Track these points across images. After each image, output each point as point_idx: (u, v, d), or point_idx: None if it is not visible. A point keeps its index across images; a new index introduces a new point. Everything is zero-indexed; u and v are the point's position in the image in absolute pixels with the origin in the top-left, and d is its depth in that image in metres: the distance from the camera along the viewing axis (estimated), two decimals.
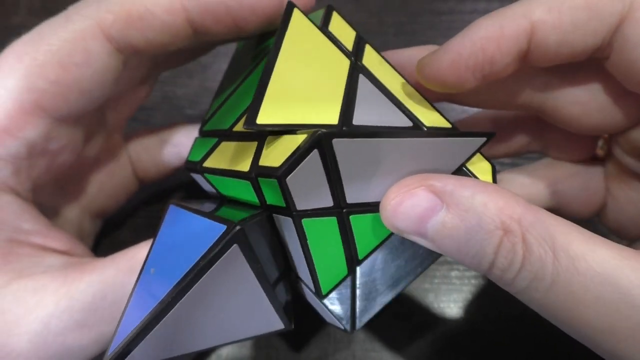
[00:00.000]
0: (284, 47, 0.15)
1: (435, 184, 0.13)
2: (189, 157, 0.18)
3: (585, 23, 0.14)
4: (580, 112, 0.17)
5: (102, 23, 0.16)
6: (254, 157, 0.14)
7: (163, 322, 0.13)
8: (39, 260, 0.17)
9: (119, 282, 0.16)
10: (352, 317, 0.16)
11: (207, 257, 0.13)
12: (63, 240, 0.18)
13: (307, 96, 0.14)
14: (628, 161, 0.18)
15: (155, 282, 0.14)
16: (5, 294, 0.16)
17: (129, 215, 0.27)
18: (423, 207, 0.13)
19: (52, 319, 0.16)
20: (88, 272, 0.16)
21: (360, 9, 0.34)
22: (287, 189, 0.13)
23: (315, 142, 0.13)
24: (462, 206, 0.13)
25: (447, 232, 0.13)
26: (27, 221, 0.17)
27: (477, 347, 0.23)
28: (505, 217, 0.13)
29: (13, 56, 0.16)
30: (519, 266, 0.13)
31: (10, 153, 0.16)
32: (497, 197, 0.13)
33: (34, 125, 0.16)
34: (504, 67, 0.15)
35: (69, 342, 0.16)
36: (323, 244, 0.15)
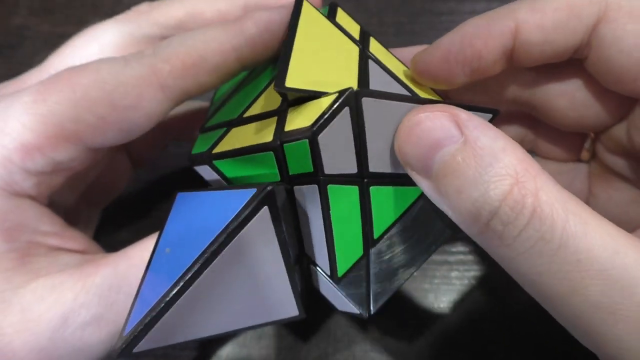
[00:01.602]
0: (299, 30, 0.15)
1: (460, 114, 0.13)
2: (192, 151, 0.19)
3: (565, 23, 0.15)
4: (566, 105, 0.18)
5: (159, 72, 0.16)
6: (276, 128, 0.15)
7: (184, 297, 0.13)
8: (55, 260, 0.17)
9: (133, 274, 0.16)
10: (367, 301, 0.16)
11: (238, 220, 0.13)
12: (78, 240, 0.19)
13: (325, 71, 0.15)
14: (610, 160, 0.19)
15: (172, 260, 0.14)
16: (24, 293, 0.16)
17: (129, 215, 0.27)
18: (439, 133, 0.13)
19: (70, 314, 0.16)
20: (103, 266, 0.17)
21: (360, 9, 0.34)
22: (318, 149, 0.13)
23: (348, 98, 0.13)
24: (480, 143, 0.12)
25: (454, 166, 0.12)
26: (45, 224, 0.18)
27: (477, 347, 0.23)
28: (521, 168, 0.12)
29: (66, 83, 0.16)
30: (525, 221, 0.12)
31: (36, 168, 0.16)
32: (518, 149, 0.12)
33: (65, 149, 0.16)
34: (491, 63, 0.16)
35: (87, 337, 0.16)
36: (343, 217, 0.15)
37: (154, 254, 0.15)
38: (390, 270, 0.17)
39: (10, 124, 0.16)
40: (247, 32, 0.17)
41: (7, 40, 0.33)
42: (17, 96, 0.16)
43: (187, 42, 0.17)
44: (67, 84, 0.16)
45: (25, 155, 0.16)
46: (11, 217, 0.17)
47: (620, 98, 0.17)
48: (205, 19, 0.22)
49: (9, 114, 0.16)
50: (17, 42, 0.33)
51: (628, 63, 0.15)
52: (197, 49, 0.17)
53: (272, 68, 0.18)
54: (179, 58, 0.17)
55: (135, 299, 0.14)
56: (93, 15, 0.34)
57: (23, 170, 0.16)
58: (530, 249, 0.12)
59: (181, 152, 0.29)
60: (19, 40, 0.33)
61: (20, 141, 0.16)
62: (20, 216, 0.17)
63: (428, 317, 0.24)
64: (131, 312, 0.14)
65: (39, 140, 0.16)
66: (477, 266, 0.25)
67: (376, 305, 0.16)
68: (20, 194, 0.17)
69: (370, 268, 0.16)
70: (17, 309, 0.16)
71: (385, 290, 0.17)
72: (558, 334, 0.12)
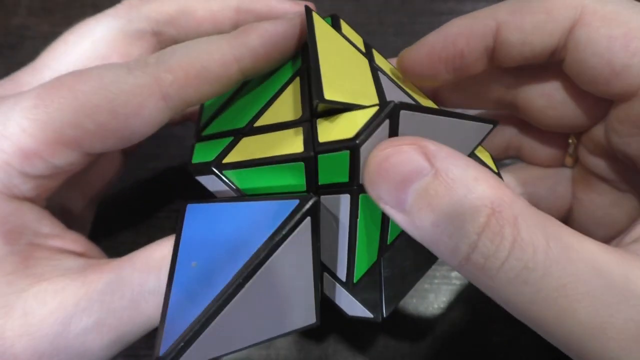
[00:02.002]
0: (319, 43, 0.15)
1: (428, 146, 0.13)
2: (192, 161, 0.18)
3: (543, 25, 0.16)
4: (546, 105, 0.18)
5: (161, 82, 0.16)
6: (304, 138, 0.15)
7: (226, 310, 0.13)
8: (57, 264, 0.17)
9: (136, 280, 0.16)
10: (380, 305, 0.17)
11: (282, 232, 0.13)
12: (79, 242, 0.19)
13: (350, 83, 0.15)
14: (592, 162, 0.19)
15: (203, 274, 0.14)
16: (26, 297, 0.16)
17: (129, 215, 0.27)
18: (409, 167, 0.12)
19: (72, 319, 0.16)
20: (106, 272, 0.17)
21: (360, 9, 0.34)
22: (359, 159, 0.14)
23: (391, 111, 0.13)
24: (452, 174, 0.12)
25: (428, 200, 0.12)
26: (45, 226, 0.18)
27: (477, 348, 0.23)
28: (496, 197, 0.12)
29: (68, 89, 0.16)
30: (506, 253, 0.11)
31: (35, 172, 0.16)
32: (490, 176, 0.12)
33: (64, 154, 0.16)
34: (473, 62, 0.17)
35: (88, 342, 0.16)
36: (367, 224, 0.16)
37: (175, 268, 0.15)
38: (400, 275, 0.17)
39: (10, 128, 0.16)
40: (251, 44, 0.17)
41: (7, 40, 0.33)
42: (17, 100, 0.16)
43: (190, 53, 0.17)
44: (69, 90, 0.16)
45: (24, 159, 0.16)
46: (11, 219, 0.17)
47: (598, 99, 0.17)
48: (196, 17, 0.22)
49: (9, 117, 0.16)
50: (17, 42, 0.33)
51: (600, 65, 0.15)
52: (201, 60, 0.17)
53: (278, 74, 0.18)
54: (182, 68, 0.17)
55: (164, 318, 0.14)
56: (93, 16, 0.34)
57: (22, 174, 0.16)
58: (515, 278, 0.12)
59: (181, 152, 0.29)
60: (19, 40, 0.33)
61: (19, 146, 0.16)
62: (21, 219, 0.17)
63: (428, 317, 0.24)
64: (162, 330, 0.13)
65: (39, 146, 0.16)
66: None
67: (389, 308, 0.17)
68: (19, 197, 0.17)
69: (382, 273, 0.17)
70: (19, 313, 0.16)
71: (397, 294, 0.17)
72: None
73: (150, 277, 0.16)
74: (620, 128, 0.16)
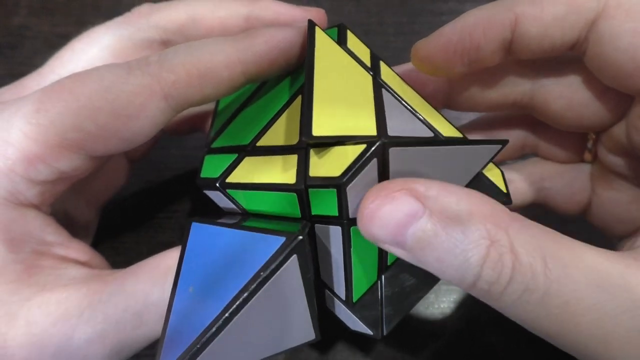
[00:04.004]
0: (317, 65, 0.15)
1: (417, 188, 0.13)
2: (201, 175, 0.18)
3: (564, 17, 0.15)
4: (565, 106, 0.18)
5: (163, 82, 0.16)
6: (297, 169, 0.15)
7: (215, 342, 0.13)
8: (61, 273, 0.17)
9: (140, 293, 0.16)
10: (380, 323, 0.17)
11: (268, 269, 0.13)
12: (83, 251, 0.19)
13: (345, 109, 0.15)
14: (611, 159, 0.19)
15: (197, 302, 0.14)
16: (29, 306, 0.16)
17: (129, 216, 0.27)
18: (403, 213, 0.13)
19: (75, 331, 0.16)
20: (110, 283, 0.17)
21: (360, 9, 0.34)
22: (346, 197, 0.14)
23: (377, 151, 0.13)
24: (446, 213, 0.12)
25: (427, 241, 0.12)
26: (50, 234, 0.18)
27: (477, 348, 0.23)
28: (491, 226, 0.12)
29: (69, 91, 0.16)
30: (508, 278, 0.12)
31: (39, 178, 0.16)
32: (482, 205, 0.13)
33: (68, 158, 0.16)
34: (489, 54, 0.17)
35: (90, 354, 0.16)
36: (362, 251, 0.15)
37: (176, 291, 0.15)
38: (402, 294, 0.17)
39: (13, 133, 0.16)
40: (256, 48, 0.17)
41: (7, 40, 0.33)
42: (19, 105, 0.16)
43: (193, 53, 0.17)
44: (69, 92, 0.16)
45: (28, 165, 0.16)
46: (15, 227, 0.16)
47: (618, 97, 0.17)
48: (206, 25, 0.22)
49: (12, 123, 0.16)
50: (17, 42, 0.33)
51: (623, 60, 0.15)
52: (204, 61, 0.16)
53: (284, 88, 0.18)
54: (184, 68, 0.16)
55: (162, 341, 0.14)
56: (93, 16, 0.34)
57: (26, 180, 0.16)
58: (518, 300, 0.12)
59: (182, 152, 0.29)
60: (19, 40, 0.33)
61: (23, 151, 0.16)
62: (25, 226, 0.17)
63: (428, 317, 0.24)
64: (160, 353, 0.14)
65: (42, 150, 0.16)
66: None
67: (389, 326, 0.17)
68: (24, 204, 0.17)
69: (382, 292, 0.17)
70: (22, 322, 0.16)
71: (397, 313, 0.17)
72: None
73: (154, 290, 0.16)
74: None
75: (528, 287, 0.12)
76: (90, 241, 0.24)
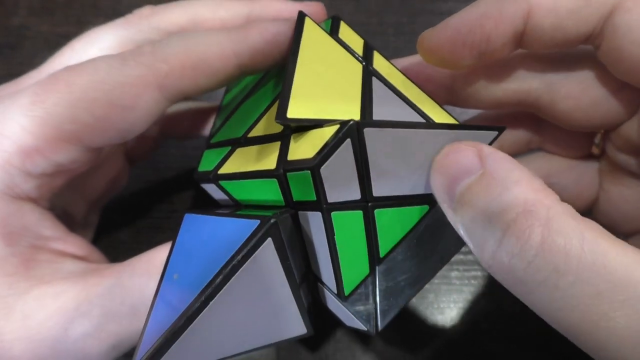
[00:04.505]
0: (301, 52, 0.15)
1: (483, 148, 0.13)
2: (198, 168, 0.19)
3: (579, 9, 0.15)
4: (573, 106, 0.17)
5: (157, 72, 0.16)
6: (279, 155, 0.15)
7: (192, 327, 0.13)
8: (59, 267, 0.17)
9: (137, 286, 0.16)
10: (375, 318, 0.16)
11: (241, 253, 0.13)
12: (81, 246, 0.19)
13: (328, 96, 0.15)
14: (620, 157, 0.19)
15: (179, 288, 0.14)
16: (26, 299, 0.16)
17: (129, 215, 0.27)
18: (461, 165, 0.13)
19: (72, 324, 0.16)
20: (107, 277, 0.17)
21: (360, 9, 0.34)
22: (321, 179, 0.13)
23: (350, 131, 0.13)
24: (496, 174, 0.12)
25: (469, 196, 0.13)
26: (47, 228, 0.18)
27: (477, 348, 0.23)
28: (532, 197, 0.12)
29: (64, 83, 0.16)
30: (534, 252, 0.11)
31: (37, 170, 0.16)
32: (535, 181, 0.12)
33: (66, 151, 0.16)
34: (500, 46, 0.16)
35: (87, 347, 0.16)
36: (348, 240, 0.15)
37: (163, 278, 0.15)
38: (397, 288, 0.17)
39: (9, 126, 0.16)
40: (251, 40, 0.17)
41: (7, 40, 0.33)
42: (14, 98, 0.16)
43: (187, 44, 0.17)
44: (64, 84, 0.16)
45: (25, 158, 0.16)
46: (12, 220, 0.17)
47: (630, 94, 0.16)
48: (207, 26, 0.22)
49: (8, 116, 0.16)
50: (17, 42, 0.33)
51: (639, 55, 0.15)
52: (198, 52, 0.17)
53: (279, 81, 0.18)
54: (178, 58, 0.16)
55: (145, 326, 0.14)
56: (93, 16, 0.34)
57: (24, 172, 0.16)
58: (544, 282, 0.11)
59: (182, 152, 0.29)
60: (19, 40, 0.33)
61: (19, 144, 0.16)
62: (22, 220, 0.17)
63: (428, 316, 0.24)
64: (141, 339, 0.14)
65: (39, 143, 0.16)
66: (477, 266, 0.25)
67: (383, 321, 0.16)
68: (21, 197, 0.17)
69: (377, 286, 0.17)
70: (18, 315, 0.16)
71: (392, 307, 0.17)
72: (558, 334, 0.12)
73: (150, 283, 0.16)
74: None
75: (558, 268, 0.11)
76: (90, 240, 0.24)
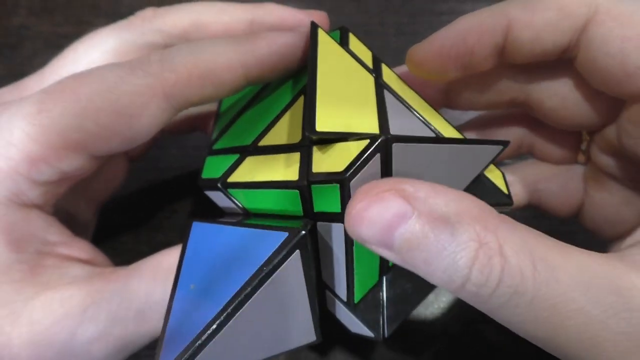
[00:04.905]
0: (319, 64, 0.15)
1: (407, 189, 0.12)
2: (202, 175, 0.19)
3: (555, 22, 0.16)
4: (559, 104, 0.18)
5: (164, 82, 0.16)
6: (300, 166, 0.15)
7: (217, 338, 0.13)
8: (65, 272, 0.17)
9: (143, 290, 0.16)
10: (382, 325, 0.17)
11: (271, 264, 0.13)
12: (85, 249, 0.19)
13: (347, 108, 0.15)
14: (603, 160, 0.19)
15: (198, 298, 0.14)
16: (33, 305, 0.16)
17: (129, 215, 0.27)
18: (392, 214, 0.12)
19: (78, 329, 0.16)
20: (113, 281, 0.17)
21: (360, 9, 0.34)
22: (349, 192, 0.14)
23: (380, 146, 0.13)
24: (435, 214, 0.12)
25: (416, 242, 0.12)
26: (53, 233, 0.18)
27: (477, 348, 0.23)
28: (480, 228, 0.12)
29: (70, 92, 0.16)
30: (497, 281, 0.12)
31: (42, 178, 0.16)
32: (471, 207, 0.12)
33: (71, 159, 0.16)
34: (483, 59, 0.17)
35: (94, 352, 0.16)
36: (364, 251, 0.15)
37: (176, 288, 0.15)
38: (403, 295, 0.17)
39: (15, 134, 0.16)
40: (259, 51, 0.17)
41: (7, 40, 0.33)
42: (20, 106, 0.16)
43: (195, 53, 0.17)
44: (71, 92, 0.16)
45: (31, 166, 0.16)
46: (19, 227, 0.17)
47: (611, 99, 0.17)
48: (209, 31, 0.22)
49: (14, 124, 0.16)
50: (17, 42, 0.33)
51: (613, 66, 0.15)
52: (206, 62, 0.17)
53: (286, 89, 0.18)
54: (186, 68, 0.16)
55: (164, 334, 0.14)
56: (93, 16, 0.34)
57: (29, 181, 0.16)
58: (507, 303, 0.12)
59: (182, 152, 0.29)
60: (19, 40, 0.33)
61: (25, 152, 0.16)
62: (29, 227, 0.17)
63: (428, 317, 0.24)
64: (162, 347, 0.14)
65: (44, 151, 0.16)
66: None
67: (390, 328, 0.17)
68: (27, 205, 0.17)
69: (384, 293, 0.17)
70: (25, 321, 0.16)
71: (399, 314, 0.17)
72: None
73: (157, 288, 0.16)
74: (631, 129, 0.16)
75: (517, 290, 0.12)
76: (89, 240, 0.24)
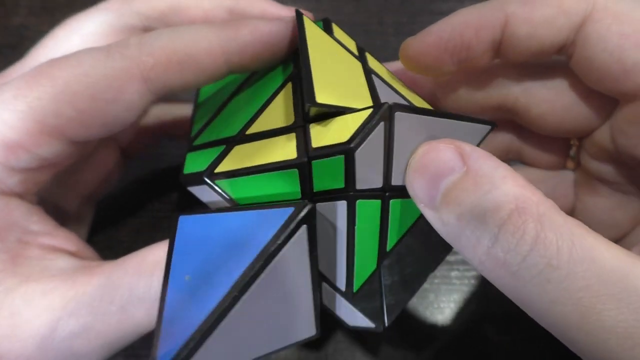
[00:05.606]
0: (309, 46, 0.15)
1: (463, 147, 0.13)
2: (184, 171, 0.18)
3: (553, 19, 0.16)
4: (548, 110, 0.18)
5: (142, 65, 0.16)
6: (297, 145, 0.15)
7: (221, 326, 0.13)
8: (48, 263, 0.17)
9: (126, 285, 0.16)
10: (381, 315, 0.16)
11: (278, 241, 0.13)
12: (71, 240, 0.18)
13: (341, 86, 0.15)
14: (595, 166, 0.19)
15: (197, 288, 0.14)
16: (14, 296, 0.16)
17: (128, 214, 0.27)
18: (443, 164, 0.13)
19: (59, 323, 0.16)
20: (96, 275, 0.16)
21: (360, 9, 0.34)
22: (354, 164, 0.14)
23: (385, 113, 0.13)
24: (481, 172, 0.12)
25: (455, 194, 0.12)
26: (35, 223, 0.17)
27: (477, 348, 0.23)
28: (522, 194, 0.12)
29: (47, 77, 0.16)
30: (528, 247, 0.11)
31: (20, 165, 0.16)
32: (519, 177, 0.12)
33: (49, 145, 0.16)
34: (480, 54, 0.17)
35: (76, 347, 0.16)
36: (364, 232, 0.15)
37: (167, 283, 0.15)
38: (401, 282, 0.17)
39: None
40: (241, 38, 0.17)
41: (7, 40, 0.33)
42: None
43: (175, 38, 0.16)
44: (47, 77, 0.16)
45: (8, 152, 0.16)
46: None
47: (601, 101, 0.17)
48: (188, 14, 0.22)
49: None
50: (17, 42, 0.33)
51: (610, 63, 0.15)
52: (185, 47, 0.16)
53: (272, 78, 0.18)
54: (164, 53, 0.16)
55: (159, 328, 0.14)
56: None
57: (7, 168, 0.16)
58: (538, 276, 0.11)
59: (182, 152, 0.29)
60: (19, 40, 0.33)
61: (2, 139, 0.15)
62: (8, 215, 0.17)
63: (428, 316, 0.24)
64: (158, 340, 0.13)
65: (21, 137, 0.16)
66: None
67: (390, 317, 0.16)
68: (6, 193, 0.17)
69: (382, 281, 0.17)
70: (5, 313, 0.15)
71: (398, 302, 0.17)
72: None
73: (140, 283, 0.16)
74: (628, 129, 0.16)
75: (551, 262, 0.11)
76: (85, 237, 0.23)
